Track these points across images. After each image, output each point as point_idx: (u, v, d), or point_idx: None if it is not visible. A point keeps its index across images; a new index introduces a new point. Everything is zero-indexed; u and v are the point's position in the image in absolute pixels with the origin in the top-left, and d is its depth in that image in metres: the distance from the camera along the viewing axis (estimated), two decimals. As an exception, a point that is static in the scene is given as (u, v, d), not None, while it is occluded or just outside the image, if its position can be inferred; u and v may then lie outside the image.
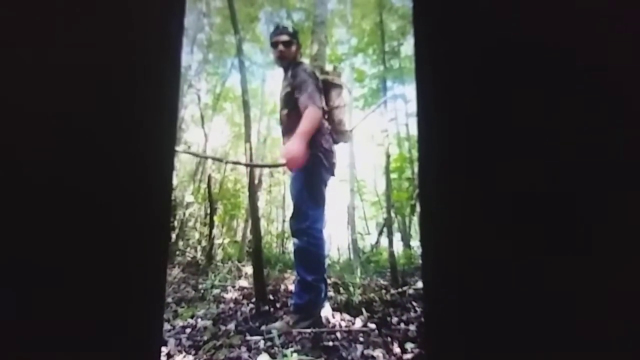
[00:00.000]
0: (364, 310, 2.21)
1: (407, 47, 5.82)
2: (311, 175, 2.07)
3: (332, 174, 2.19)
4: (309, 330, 1.86)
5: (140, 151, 0.47)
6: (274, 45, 2.24)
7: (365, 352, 1.62)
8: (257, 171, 5.82)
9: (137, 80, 0.48)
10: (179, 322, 2.27)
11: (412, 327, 1.91)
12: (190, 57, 6.99)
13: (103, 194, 0.45)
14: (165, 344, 1.83)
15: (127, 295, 0.44)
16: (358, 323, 2.04)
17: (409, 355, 1.58)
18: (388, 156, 3.49)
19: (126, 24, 0.48)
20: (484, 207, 0.42)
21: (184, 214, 5.92)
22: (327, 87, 2.22)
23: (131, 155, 0.46)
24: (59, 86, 0.45)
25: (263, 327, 1.97)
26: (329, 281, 2.62)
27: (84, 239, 0.43)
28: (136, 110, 0.47)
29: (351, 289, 2.57)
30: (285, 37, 2.21)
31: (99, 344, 0.43)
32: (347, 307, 2.30)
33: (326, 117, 2.18)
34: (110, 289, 0.44)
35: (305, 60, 2.84)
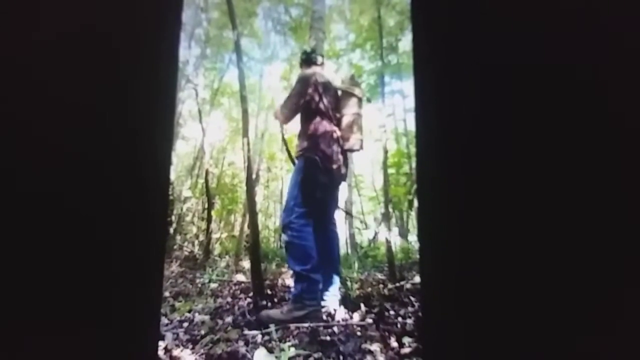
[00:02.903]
0: (361, 304, 2.21)
1: (405, 42, 5.79)
2: (304, 175, 2.16)
3: (334, 178, 2.24)
4: (306, 325, 1.87)
5: (138, 146, 0.47)
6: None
7: (363, 346, 1.62)
8: (254, 166, 5.81)
9: (135, 76, 0.47)
10: (177, 317, 2.27)
11: (409, 322, 1.92)
12: (187, 52, 6.96)
13: (100, 189, 0.45)
14: (162, 338, 1.83)
15: (124, 290, 0.45)
16: (356, 317, 2.05)
17: (407, 350, 1.58)
18: (386, 151, 3.48)
19: (123, 19, 0.47)
20: (481, 202, 0.42)
21: (182, 208, 5.91)
22: (342, 95, 2.34)
23: (129, 150, 0.46)
24: (56, 82, 0.45)
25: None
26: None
27: (81, 234, 0.43)
28: (134, 106, 0.47)
29: (349, 283, 2.58)
30: None
31: (97, 339, 0.43)
32: (345, 302, 2.31)
33: (336, 122, 2.28)
34: (107, 283, 0.44)
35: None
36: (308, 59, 2.44)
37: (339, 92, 2.36)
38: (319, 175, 2.16)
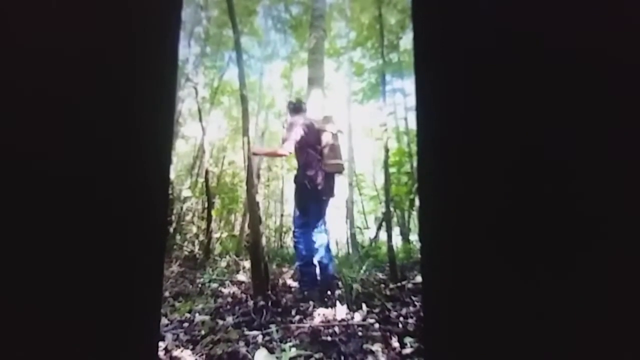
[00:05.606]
0: (363, 304, 2.21)
1: (406, 41, 5.79)
2: (296, 194, 2.93)
3: (319, 194, 2.86)
4: (307, 325, 1.86)
5: (138, 145, 0.47)
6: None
7: (364, 346, 1.62)
8: (255, 165, 5.80)
9: (134, 74, 0.47)
10: (177, 317, 2.27)
11: (411, 322, 1.91)
12: (187, 51, 6.93)
13: (100, 188, 0.44)
14: (162, 338, 1.83)
15: (124, 290, 0.44)
16: (357, 317, 2.04)
17: (408, 350, 1.57)
18: (387, 150, 3.47)
19: (123, 17, 0.47)
20: (483, 202, 0.42)
21: (182, 208, 5.90)
22: (319, 131, 2.97)
23: (128, 149, 0.46)
24: (55, 79, 0.44)
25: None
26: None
27: (80, 233, 0.43)
28: (133, 104, 0.47)
29: (350, 283, 2.57)
30: None
31: (97, 339, 0.43)
32: (346, 302, 2.30)
33: (319, 152, 2.95)
34: (107, 283, 0.43)
35: (304, 54, 3.13)
36: (295, 107, 3.13)
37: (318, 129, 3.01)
38: (307, 194, 2.86)
